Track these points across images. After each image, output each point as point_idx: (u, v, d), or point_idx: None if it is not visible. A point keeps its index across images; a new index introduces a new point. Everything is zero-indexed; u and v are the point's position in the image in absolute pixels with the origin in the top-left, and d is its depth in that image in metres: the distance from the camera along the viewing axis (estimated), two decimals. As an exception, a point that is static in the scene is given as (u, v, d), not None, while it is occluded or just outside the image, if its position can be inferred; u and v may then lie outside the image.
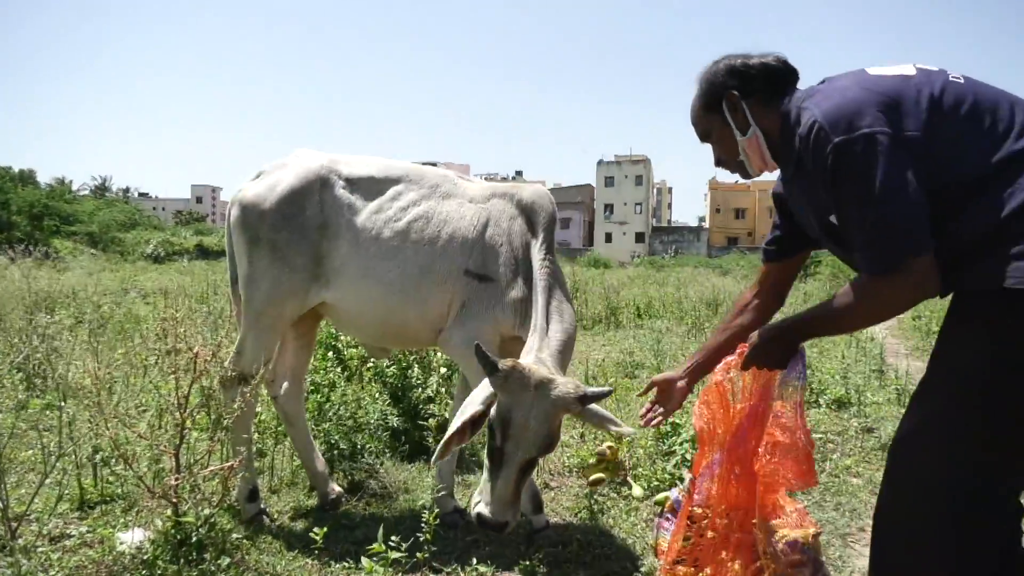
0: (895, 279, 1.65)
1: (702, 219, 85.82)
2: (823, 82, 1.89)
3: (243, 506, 3.23)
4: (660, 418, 2.40)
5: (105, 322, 7.95)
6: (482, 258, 3.05)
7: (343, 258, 3.08)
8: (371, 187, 3.17)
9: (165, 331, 2.67)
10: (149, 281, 15.22)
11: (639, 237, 68.98)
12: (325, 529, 2.81)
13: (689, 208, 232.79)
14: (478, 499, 2.47)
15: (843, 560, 3.02)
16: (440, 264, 3.05)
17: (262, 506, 3.28)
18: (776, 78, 1.95)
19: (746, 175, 2.09)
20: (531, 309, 2.99)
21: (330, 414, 3.81)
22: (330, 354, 4.61)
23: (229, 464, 2.70)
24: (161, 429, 3.64)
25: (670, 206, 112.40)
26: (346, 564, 2.80)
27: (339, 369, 4.51)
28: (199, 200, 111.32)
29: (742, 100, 1.96)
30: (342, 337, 4.88)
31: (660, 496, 2.87)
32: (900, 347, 9.31)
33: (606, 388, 2.49)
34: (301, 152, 3.33)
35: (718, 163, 2.13)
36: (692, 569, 2.28)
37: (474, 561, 2.85)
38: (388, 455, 4.02)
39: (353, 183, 3.17)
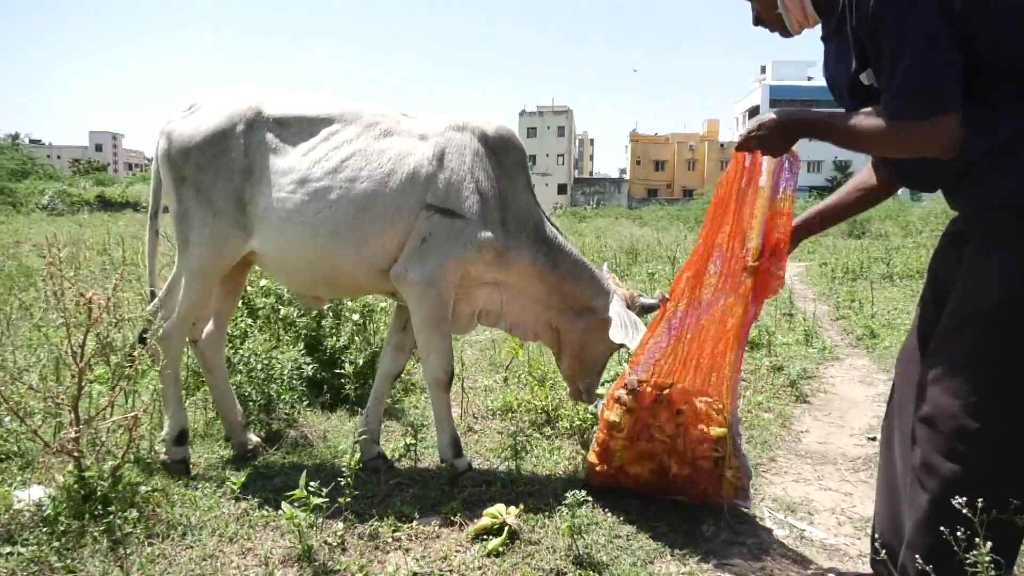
0: (918, 130, 1.66)
1: (623, 171, 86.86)
2: None
3: (169, 448, 3.12)
4: None
5: (-6, 275, 7.41)
6: (445, 192, 2.96)
7: (267, 203, 2.95)
8: (302, 127, 3.02)
9: (52, 275, 2.47)
10: (45, 234, 14.25)
11: (561, 188, 69.27)
12: (243, 478, 2.74)
13: (610, 160, 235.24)
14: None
15: (756, 488, 3.15)
16: (382, 201, 2.92)
17: (187, 453, 3.18)
18: None
19: (786, 32, 1.99)
20: (509, 252, 3.07)
21: (239, 366, 3.66)
22: (239, 303, 4.42)
23: (133, 415, 2.56)
24: (57, 382, 3.42)
25: (592, 157, 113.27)
26: (265, 513, 2.71)
27: (250, 319, 4.34)
28: (99, 148, 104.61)
29: None
30: (251, 286, 4.68)
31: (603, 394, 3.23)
32: (808, 292, 9.75)
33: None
34: (235, 87, 3.18)
35: (756, 22, 2.04)
36: (626, 438, 2.86)
37: (397, 503, 2.83)
38: (306, 404, 3.93)
39: (283, 123, 3.02)
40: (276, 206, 2.93)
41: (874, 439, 3.79)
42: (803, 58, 66.09)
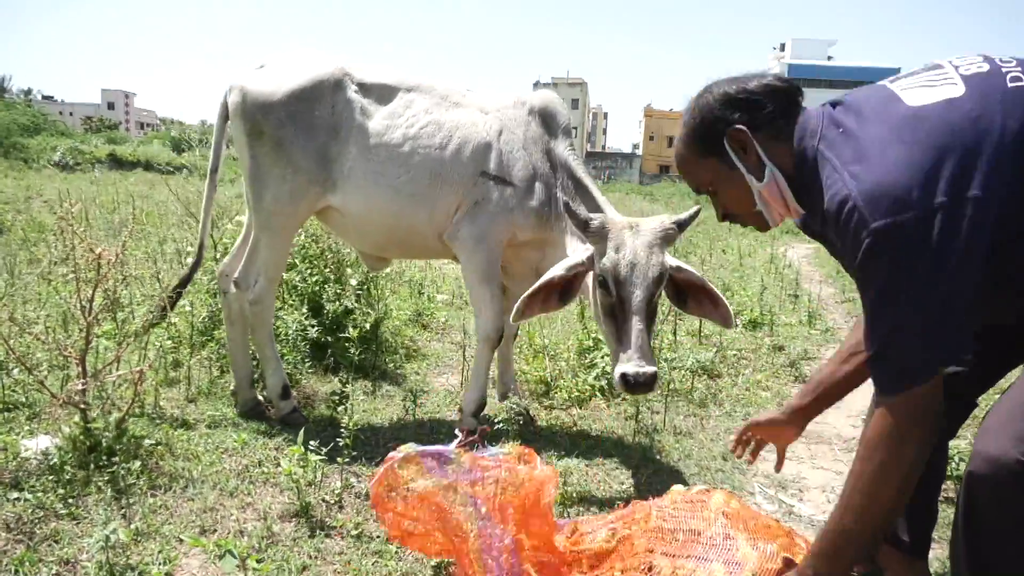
0: (897, 406, 1.38)
1: (636, 146, 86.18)
2: (837, 105, 1.52)
3: (277, 404, 3.34)
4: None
5: (5, 230, 7.49)
6: (500, 162, 3.18)
7: (352, 162, 3.12)
8: (383, 94, 3.23)
9: (62, 230, 2.50)
10: (56, 190, 14.31)
11: (573, 162, 68.75)
12: (243, 435, 2.79)
13: (624, 134, 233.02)
14: (619, 366, 2.47)
15: (750, 465, 3.19)
16: (451, 169, 3.16)
17: (295, 404, 3.38)
18: (784, 103, 1.55)
19: (765, 227, 1.70)
20: (549, 214, 3.23)
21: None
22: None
23: (139, 369, 2.61)
24: (66, 334, 3.48)
25: (605, 131, 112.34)
26: (264, 469, 2.78)
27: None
28: (111, 106, 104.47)
29: (752, 136, 1.55)
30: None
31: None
32: (816, 274, 9.72)
33: (694, 210, 2.73)
34: (310, 51, 3.33)
35: (725, 217, 1.72)
36: None
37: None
38: (309, 367, 3.98)
39: (366, 88, 3.21)
40: (361, 166, 3.11)
41: (870, 421, 3.82)
42: (824, 36, 64.93)
